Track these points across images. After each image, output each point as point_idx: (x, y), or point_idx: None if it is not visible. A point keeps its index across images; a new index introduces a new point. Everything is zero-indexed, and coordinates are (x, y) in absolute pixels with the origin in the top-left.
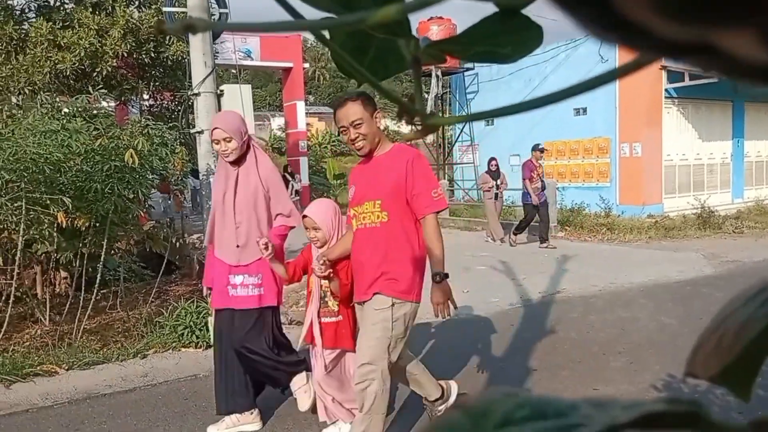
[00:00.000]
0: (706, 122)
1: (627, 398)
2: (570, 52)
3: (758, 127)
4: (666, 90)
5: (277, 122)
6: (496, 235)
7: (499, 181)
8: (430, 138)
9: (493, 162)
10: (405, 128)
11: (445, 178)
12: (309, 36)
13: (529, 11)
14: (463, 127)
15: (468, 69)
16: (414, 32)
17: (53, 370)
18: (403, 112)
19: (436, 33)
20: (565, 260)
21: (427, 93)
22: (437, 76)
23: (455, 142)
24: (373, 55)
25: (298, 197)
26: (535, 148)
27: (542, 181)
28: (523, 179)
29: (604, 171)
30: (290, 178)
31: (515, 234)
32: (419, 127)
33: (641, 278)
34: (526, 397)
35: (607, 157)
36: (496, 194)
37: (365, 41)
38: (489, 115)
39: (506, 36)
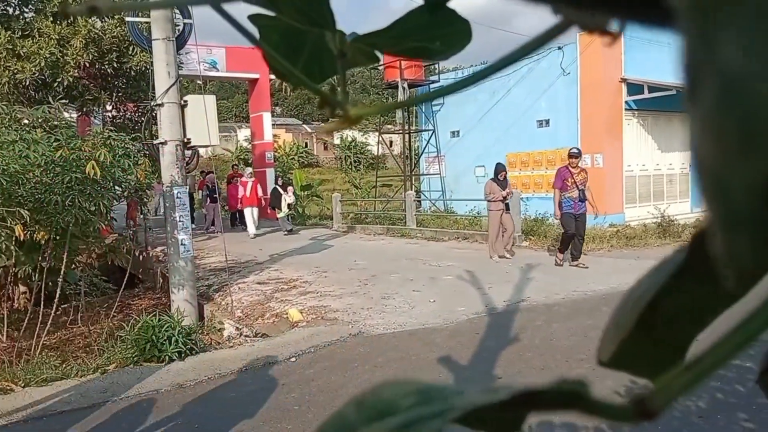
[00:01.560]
0: (666, 133)
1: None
2: (533, 66)
3: None
4: (626, 102)
5: (244, 133)
6: (493, 251)
7: (507, 192)
8: (397, 149)
9: (503, 172)
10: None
11: (412, 189)
12: None
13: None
14: (429, 138)
15: (433, 81)
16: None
17: (9, 388)
18: (324, 103)
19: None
20: (529, 269)
21: None
22: (403, 88)
23: (422, 153)
24: (307, 56)
25: (290, 211)
26: (571, 153)
27: (581, 191)
28: (554, 187)
29: None
30: (282, 191)
31: (560, 252)
32: (341, 118)
33: (603, 286)
34: (415, 385)
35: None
36: (507, 205)
37: (299, 41)
38: (422, 99)
39: (434, 30)
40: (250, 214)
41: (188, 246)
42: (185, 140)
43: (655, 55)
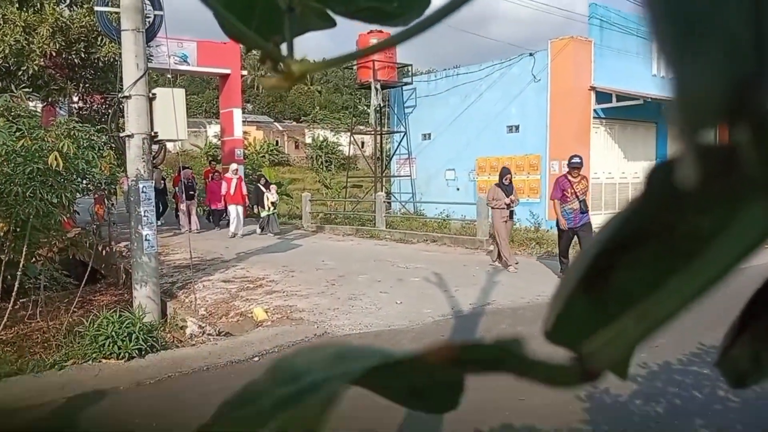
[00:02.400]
0: (632, 142)
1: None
2: (504, 71)
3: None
4: (594, 110)
5: (213, 130)
6: (509, 260)
7: (512, 197)
8: (368, 150)
9: (508, 176)
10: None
11: (382, 191)
12: None
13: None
14: (401, 140)
15: (406, 84)
16: (354, 45)
17: None
18: (266, 58)
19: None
20: (495, 273)
21: (368, 106)
22: (376, 89)
23: (393, 155)
24: (259, 16)
25: (275, 210)
26: (570, 162)
27: (581, 201)
28: (551, 198)
29: (535, 187)
30: (264, 189)
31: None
32: (283, 74)
33: None
34: (336, 348)
35: (538, 174)
36: (512, 212)
37: (251, 1)
38: (378, 48)
39: None
40: (236, 213)
41: (152, 242)
42: (152, 134)
43: (624, 65)
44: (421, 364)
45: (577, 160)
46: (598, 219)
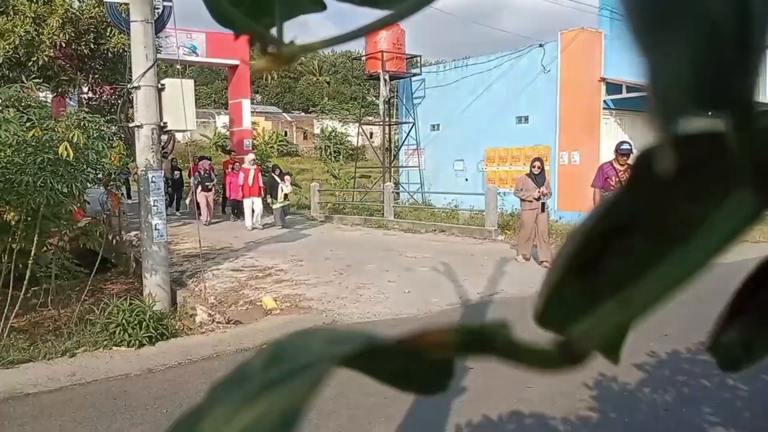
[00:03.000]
0: (642, 134)
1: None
2: (514, 62)
3: None
4: (604, 101)
5: (223, 120)
6: (521, 249)
7: (543, 189)
8: (377, 141)
9: (537, 163)
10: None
11: (390, 181)
12: None
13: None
14: (410, 131)
15: (415, 74)
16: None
17: None
18: (256, 39)
19: (384, 38)
20: (504, 263)
21: (376, 97)
22: (385, 80)
23: (401, 145)
24: (249, 0)
25: (288, 201)
26: (619, 149)
27: None
28: (592, 186)
29: None
30: (279, 180)
31: None
32: (272, 56)
33: None
34: (331, 331)
35: (547, 165)
36: (543, 204)
37: None
38: (354, 36)
39: None
40: (250, 205)
41: (162, 231)
42: (161, 124)
43: (634, 57)
44: (408, 347)
45: (626, 146)
46: None
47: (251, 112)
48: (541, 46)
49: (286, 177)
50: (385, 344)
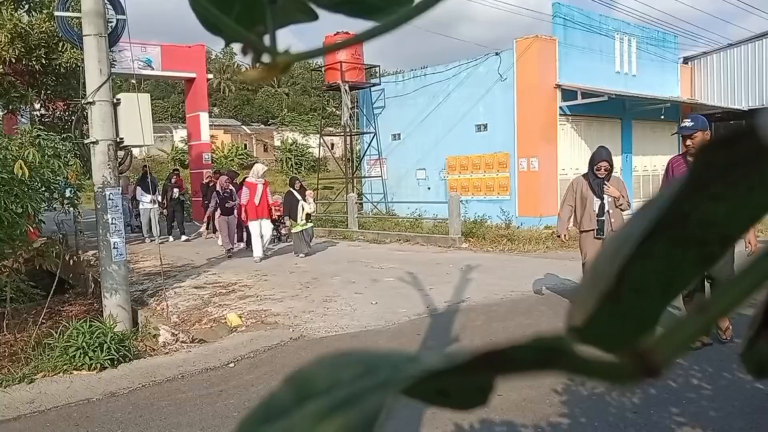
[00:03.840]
0: (598, 138)
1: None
2: (471, 70)
3: (644, 143)
4: (560, 107)
5: (180, 134)
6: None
7: (608, 196)
8: (338, 152)
9: (603, 163)
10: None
11: (353, 192)
12: (213, 47)
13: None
14: (371, 141)
15: (374, 85)
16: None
17: None
18: (248, 49)
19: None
20: (469, 270)
21: (336, 107)
22: (345, 91)
23: (363, 155)
24: (239, 8)
25: (311, 224)
26: (682, 130)
27: None
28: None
29: (504, 185)
30: (299, 196)
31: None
32: (266, 66)
33: (540, 286)
34: (360, 355)
35: (507, 172)
36: (607, 213)
37: None
38: (348, 44)
39: None
40: (258, 231)
41: (121, 249)
42: (118, 140)
43: (587, 63)
44: (462, 369)
45: (690, 123)
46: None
47: (210, 125)
48: (497, 54)
49: (308, 193)
50: (440, 369)
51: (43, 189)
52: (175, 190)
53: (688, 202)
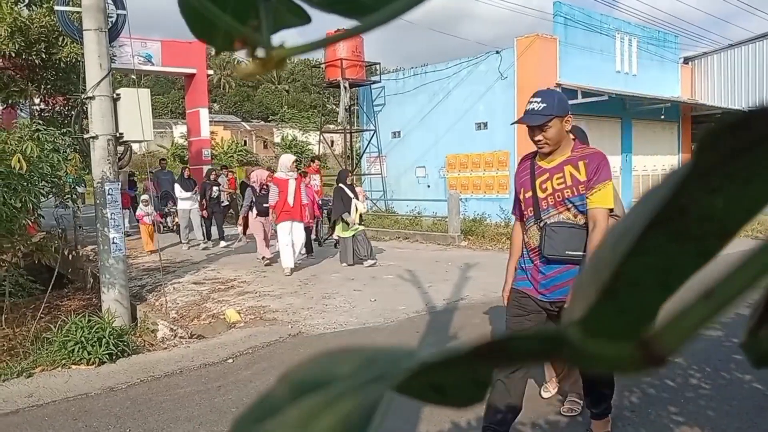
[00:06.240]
0: (597, 138)
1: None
2: (472, 69)
3: (645, 143)
4: None
5: (180, 130)
6: None
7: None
8: (338, 149)
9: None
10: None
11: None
12: None
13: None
14: (371, 138)
15: (375, 82)
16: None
17: None
18: (243, 43)
19: (343, 46)
20: (468, 268)
21: (336, 105)
22: (345, 88)
23: (363, 153)
24: (232, 8)
25: (362, 226)
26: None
27: None
28: None
29: (504, 183)
30: (350, 194)
31: None
32: (261, 60)
33: None
34: (357, 351)
35: (507, 170)
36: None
37: None
38: (340, 38)
39: None
40: (288, 235)
41: (120, 244)
42: (117, 135)
43: (588, 62)
44: (467, 361)
45: (537, 104)
46: None
47: (209, 121)
48: (498, 52)
49: (358, 190)
50: (437, 361)
51: (43, 183)
52: (215, 188)
53: (687, 196)
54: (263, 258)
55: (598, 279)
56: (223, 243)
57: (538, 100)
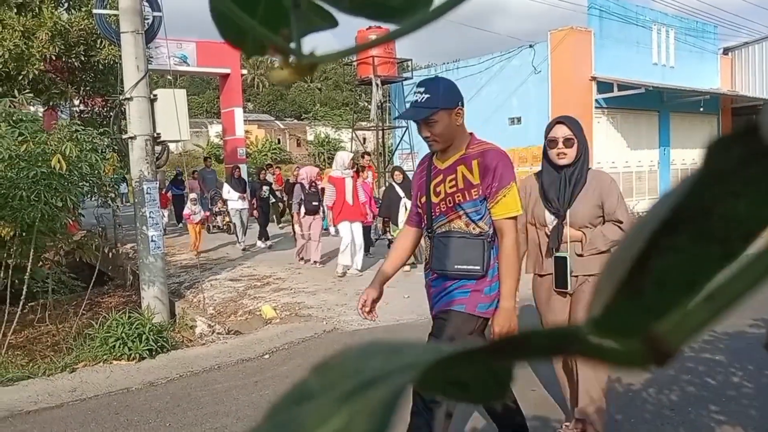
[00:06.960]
0: (635, 131)
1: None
2: (504, 63)
3: (683, 136)
4: (596, 100)
5: (215, 129)
6: None
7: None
8: (370, 146)
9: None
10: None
11: (386, 185)
12: None
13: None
14: (403, 135)
15: (407, 79)
16: (354, 42)
17: None
18: (275, 51)
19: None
20: None
21: (368, 102)
22: (377, 85)
23: (395, 149)
24: (262, 16)
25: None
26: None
27: None
28: None
29: None
30: (401, 192)
31: None
32: (293, 68)
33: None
34: (387, 344)
35: (541, 166)
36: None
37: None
38: (371, 44)
39: None
40: (349, 235)
41: (158, 242)
42: (155, 135)
43: (624, 54)
44: (481, 356)
45: (421, 95)
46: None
47: (244, 120)
48: (531, 46)
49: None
50: (456, 355)
51: (83, 183)
52: (265, 188)
53: (710, 197)
54: (314, 262)
55: (618, 278)
56: (261, 243)
57: (422, 90)
